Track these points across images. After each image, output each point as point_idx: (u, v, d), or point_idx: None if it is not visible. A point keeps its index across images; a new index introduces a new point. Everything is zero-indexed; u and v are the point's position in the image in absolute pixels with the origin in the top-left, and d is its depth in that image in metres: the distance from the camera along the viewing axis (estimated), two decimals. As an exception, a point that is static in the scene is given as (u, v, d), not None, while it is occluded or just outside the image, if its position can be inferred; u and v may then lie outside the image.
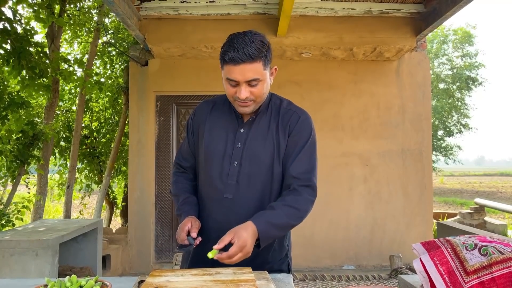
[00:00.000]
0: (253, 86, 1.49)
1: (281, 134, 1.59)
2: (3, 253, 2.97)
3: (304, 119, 1.63)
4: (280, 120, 1.62)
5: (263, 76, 1.50)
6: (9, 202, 3.94)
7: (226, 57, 1.46)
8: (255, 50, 1.44)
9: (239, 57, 1.43)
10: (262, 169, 1.58)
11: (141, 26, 4.87)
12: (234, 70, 1.46)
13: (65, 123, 6.20)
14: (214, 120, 1.66)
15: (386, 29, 4.97)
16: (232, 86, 1.50)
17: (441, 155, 19.42)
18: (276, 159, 1.58)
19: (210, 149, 1.62)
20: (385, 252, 5.44)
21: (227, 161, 1.59)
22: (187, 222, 1.54)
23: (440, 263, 1.14)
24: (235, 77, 1.47)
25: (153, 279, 1.29)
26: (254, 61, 1.45)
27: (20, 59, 3.48)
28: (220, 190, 1.59)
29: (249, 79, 1.47)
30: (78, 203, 7.14)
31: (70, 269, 3.58)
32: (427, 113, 5.65)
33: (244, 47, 1.43)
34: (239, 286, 1.21)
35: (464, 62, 18.79)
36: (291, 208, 1.50)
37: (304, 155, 1.58)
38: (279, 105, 1.67)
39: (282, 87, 5.53)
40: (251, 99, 1.52)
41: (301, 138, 1.59)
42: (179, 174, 1.79)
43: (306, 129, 1.61)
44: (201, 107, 1.73)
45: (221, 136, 1.62)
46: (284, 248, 1.71)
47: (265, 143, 1.58)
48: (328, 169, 5.54)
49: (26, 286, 1.35)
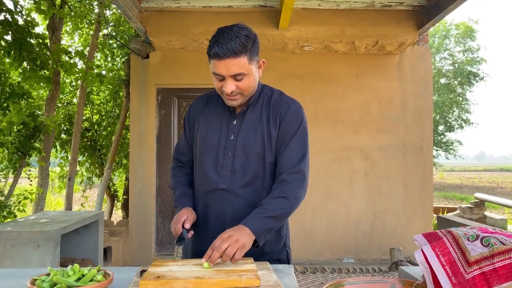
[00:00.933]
0: (239, 80, 1.51)
1: (272, 124, 1.62)
2: (5, 244, 2.98)
3: (294, 108, 1.65)
4: (271, 110, 1.64)
5: (248, 70, 1.51)
6: (10, 193, 3.95)
7: (211, 52, 1.48)
8: (239, 45, 1.45)
9: (222, 52, 1.44)
10: (254, 160, 1.61)
11: (142, 18, 4.85)
12: (218, 65, 1.48)
13: (66, 116, 6.20)
14: (208, 114, 1.70)
15: (388, 22, 4.95)
16: (219, 80, 1.53)
17: (441, 150, 19.41)
18: (268, 149, 1.61)
19: (205, 142, 1.66)
20: (385, 246, 5.46)
21: (221, 153, 1.62)
22: (183, 213, 1.56)
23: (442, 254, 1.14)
24: (220, 72, 1.49)
25: (155, 269, 1.30)
26: (238, 56, 1.46)
27: (21, 50, 3.47)
28: (215, 181, 1.62)
29: (233, 73, 1.49)
30: (79, 195, 7.15)
31: (72, 260, 3.59)
32: (429, 108, 5.64)
33: (228, 42, 1.44)
34: (241, 276, 1.21)
35: (466, 57, 18.73)
36: (279, 198, 1.53)
37: (294, 144, 1.61)
38: (270, 96, 1.69)
39: (283, 80, 5.53)
40: (237, 93, 1.54)
41: (292, 128, 1.62)
42: (177, 168, 1.82)
43: (297, 118, 1.64)
44: (196, 102, 1.77)
45: (215, 129, 1.66)
46: (282, 237, 1.72)
47: (257, 134, 1.61)
48: (329, 163, 5.54)
49: (28, 276, 1.35)
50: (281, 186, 1.56)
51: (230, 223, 1.56)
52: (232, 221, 1.56)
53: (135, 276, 1.28)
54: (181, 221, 1.52)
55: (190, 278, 1.20)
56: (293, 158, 1.59)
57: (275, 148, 1.62)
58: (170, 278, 1.20)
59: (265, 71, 6.05)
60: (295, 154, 1.60)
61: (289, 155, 1.59)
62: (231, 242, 1.35)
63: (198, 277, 1.21)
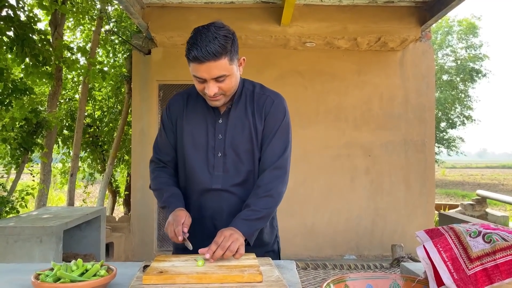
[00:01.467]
0: (221, 82, 1.48)
1: (257, 119, 1.61)
2: (8, 240, 2.99)
3: (277, 102, 1.65)
4: (255, 105, 1.63)
5: (229, 71, 1.48)
6: (13, 189, 3.96)
7: (190, 56, 1.43)
8: (219, 47, 1.41)
9: (202, 56, 1.40)
10: (245, 157, 1.61)
11: (144, 14, 4.84)
12: (199, 68, 1.44)
13: (68, 112, 6.21)
14: (191, 113, 1.65)
15: (390, 18, 4.93)
16: (200, 83, 1.49)
17: (443, 147, 19.37)
18: (255, 144, 1.61)
19: (192, 143, 1.62)
20: (386, 242, 5.47)
21: (211, 153, 1.61)
22: (181, 214, 1.52)
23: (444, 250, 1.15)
24: (201, 75, 1.45)
25: (158, 264, 1.30)
26: (218, 59, 1.42)
27: (24, 46, 3.47)
28: (208, 182, 1.60)
29: (215, 76, 1.45)
30: (81, 191, 7.17)
31: (74, 256, 3.61)
32: (431, 104, 5.63)
33: (207, 45, 1.39)
34: (244, 271, 1.22)
35: (468, 54, 18.65)
36: (265, 197, 1.55)
37: (277, 139, 1.61)
38: (253, 91, 1.67)
39: (285, 77, 5.52)
40: (220, 94, 1.51)
41: (276, 122, 1.62)
42: (159, 169, 1.73)
43: (280, 112, 1.64)
44: (175, 99, 1.71)
45: (201, 129, 1.62)
46: (274, 229, 1.78)
47: (244, 130, 1.60)
48: (330, 160, 5.54)
49: (32, 271, 1.36)
50: (264, 183, 1.57)
51: (228, 218, 1.57)
52: (230, 216, 1.57)
53: (138, 271, 1.29)
54: (181, 223, 1.47)
55: (193, 273, 1.20)
56: (276, 153, 1.61)
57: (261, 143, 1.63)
58: (173, 273, 1.20)
59: (267, 67, 6.06)
60: (278, 149, 1.61)
61: (272, 150, 1.61)
62: (233, 239, 1.38)
63: (200, 272, 1.21)
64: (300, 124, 5.53)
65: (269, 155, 1.60)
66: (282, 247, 1.86)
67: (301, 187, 5.52)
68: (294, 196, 5.49)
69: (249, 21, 4.94)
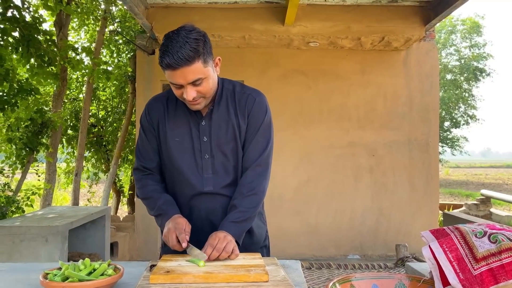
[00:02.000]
0: (198, 85, 1.46)
1: (240, 118, 1.61)
2: (14, 239, 3.02)
3: (259, 100, 1.64)
4: (237, 104, 1.62)
5: (205, 73, 1.45)
6: (18, 189, 3.99)
7: (163, 64, 1.41)
8: (190, 51, 1.38)
9: (175, 62, 1.38)
10: (232, 156, 1.62)
11: (148, 15, 4.86)
12: (174, 75, 1.42)
13: (72, 112, 6.23)
14: (173, 116, 1.63)
15: (394, 18, 4.92)
16: (177, 88, 1.47)
17: (447, 147, 19.31)
18: (239, 142, 1.62)
19: (177, 147, 1.60)
20: (390, 242, 5.46)
21: (198, 156, 1.60)
22: (182, 222, 1.51)
23: (449, 250, 1.15)
24: (177, 81, 1.43)
25: (165, 263, 1.31)
26: (191, 63, 1.40)
27: (29, 47, 3.49)
28: (198, 185, 1.60)
29: (191, 80, 1.43)
30: (85, 191, 7.20)
31: (79, 255, 3.63)
32: (435, 104, 5.62)
33: (178, 51, 1.37)
34: (250, 271, 1.23)
35: (472, 53, 18.58)
36: (250, 196, 1.57)
37: (259, 137, 1.63)
38: (233, 90, 1.65)
39: (288, 76, 5.53)
40: (199, 97, 1.49)
41: (258, 120, 1.63)
42: (145, 177, 1.69)
43: (262, 110, 1.64)
44: (153, 103, 1.67)
45: (185, 133, 1.61)
46: (264, 224, 1.81)
47: (228, 130, 1.60)
48: (334, 159, 5.54)
49: (38, 270, 1.38)
50: (248, 182, 1.59)
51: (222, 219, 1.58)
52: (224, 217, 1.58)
53: (145, 271, 1.30)
54: (183, 230, 1.47)
55: (200, 272, 1.21)
56: (258, 151, 1.62)
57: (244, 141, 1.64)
58: (180, 272, 1.21)
59: (271, 67, 6.06)
60: (260, 147, 1.62)
61: (254, 148, 1.62)
62: (227, 240, 1.41)
63: (207, 272, 1.22)
64: (303, 124, 5.54)
65: (252, 153, 1.62)
66: (285, 247, 1.90)
67: (304, 187, 5.53)
68: (298, 195, 5.50)
69: (252, 21, 4.94)
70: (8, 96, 3.39)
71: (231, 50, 5.46)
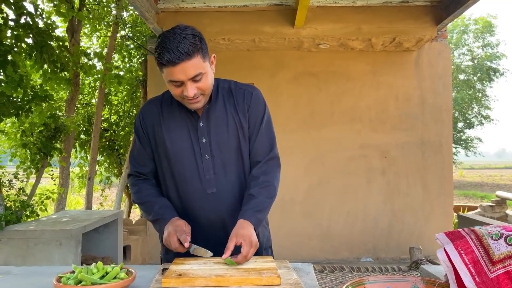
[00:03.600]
0: (198, 81, 1.46)
1: (240, 113, 1.61)
2: (28, 243, 3.05)
3: (255, 94, 1.65)
4: (235, 100, 1.62)
5: (204, 68, 1.46)
6: (33, 193, 4.04)
7: (163, 60, 1.40)
8: (189, 45, 1.39)
9: (176, 57, 1.38)
10: (233, 155, 1.61)
11: (158, 19, 4.89)
12: (174, 71, 1.41)
13: (85, 116, 6.30)
14: (169, 119, 1.61)
15: (405, 18, 4.89)
16: (177, 87, 1.46)
17: (461, 148, 19.09)
18: (242, 139, 1.61)
19: (175, 150, 1.59)
20: (403, 244, 5.40)
21: (198, 158, 1.58)
22: (181, 223, 1.51)
23: (465, 253, 1.13)
24: (178, 78, 1.42)
25: (177, 267, 1.31)
26: (192, 57, 1.40)
27: (42, 53, 3.54)
28: (201, 187, 1.59)
29: (192, 76, 1.43)
30: (98, 195, 7.26)
31: (92, 258, 3.66)
32: (448, 105, 5.56)
33: (178, 46, 1.38)
34: (262, 274, 1.22)
35: (485, 53, 18.36)
36: (267, 187, 1.58)
37: (264, 130, 1.64)
38: (229, 87, 1.65)
39: (299, 78, 5.52)
40: (199, 94, 1.49)
41: (258, 114, 1.63)
42: (140, 181, 1.68)
43: (260, 103, 1.65)
44: (148, 108, 1.66)
45: (183, 135, 1.59)
46: (268, 225, 1.80)
47: (228, 128, 1.59)
48: (345, 161, 5.51)
49: (52, 273, 1.38)
50: (263, 173, 1.61)
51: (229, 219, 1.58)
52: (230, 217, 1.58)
53: (157, 274, 1.30)
54: (184, 231, 1.46)
55: (211, 276, 1.21)
56: (267, 144, 1.64)
57: (247, 135, 1.63)
58: (192, 276, 1.21)
59: (281, 69, 6.06)
60: (267, 141, 1.65)
61: (263, 142, 1.63)
62: (254, 248, 1.41)
63: (219, 275, 1.22)
64: (315, 126, 5.52)
65: (262, 146, 1.63)
66: (297, 250, 1.90)
67: (316, 189, 5.50)
68: (310, 198, 5.47)
69: (262, 24, 4.95)
70: (22, 102, 3.43)
71: (241, 53, 5.47)
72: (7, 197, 3.64)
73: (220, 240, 1.56)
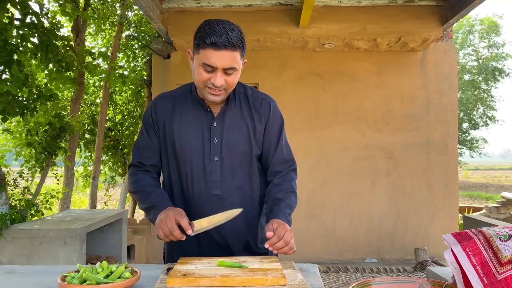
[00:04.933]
0: (229, 75, 1.46)
1: (256, 121, 1.60)
2: (33, 242, 3.06)
3: (273, 105, 1.66)
4: (252, 106, 1.62)
5: (238, 65, 1.47)
6: (37, 192, 4.05)
7: (207, 41, 1.39)
8: (237, 38, 1.42)
9: (222, 43, 1.38)
10: (243, 159, 1.60)
11: (163, 19, 4.90)
12: (213, 55, 1.40)
13: (89, 116, 6.31)
14: (181, 116, 1.59)
15: (411, 18, 4.87)
16: (207, 72, 1.44)
17: (465, 148, 19.00)
18: (254, 143, 1.60)
19: (185, 147, 1.57)
20: (408, 246, 5.37)
21: (207, 159, 1.56)
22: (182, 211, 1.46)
23: (473, 254, 1.12)
24: (214, 63, 1.41)
25: (181, 267, 1.31)
26: (234, 50, 1.42)
27: (48, 52, 3.54)
28: (207, 188, 1.57)
29: (227, 66, 1.43)
30: (102, 194, 7.28)
31: (97, 258, 3.66)
32: (453, 105, 5.53)
33: (227, 33, 1.39)
34: (267, 274, 1.21)
35: (491, 53, 18.27)
36: (292, 193, 1.62)
37: (284, 141, 1.67)
38: (245, 93, 1.64)
39: (303, 78, 5.50)
40: (224, 88, 1.48)
41: (276, 126, 1.66)
42: (141, 172, 1.64)
43: (278, 115, 1.67)
44: (160, 102, 1.63)
45: (195, 133, 1.57)
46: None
47: (241, 132, 1.58)
48: (350, 162, 5.49)
49: (57, 272, 1.38)
50: (287, 181, 1.64)
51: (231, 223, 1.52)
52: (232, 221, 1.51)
53: (161, 274, 1.30)
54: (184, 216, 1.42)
55: (216, 276, 1.20)
56: (286, 154, 1.67)
57: (261, 143, 1.63)
58: (197, 276, 1.20)
59: (286, 69, 6.05)
60: (286, 152, 1.68)
61: (282, 154, 1.66)
62: (292, 235, 1.42)
63: (224, 275, 1.21)
64: (319, 126, 5.50)
65: (282, 157, 1.65)
66: (302, 251, 1.89)
67: (320, 190, 5.49)
68: (314, 198, 5.46)
69: (267, 24, 4.94)
70: (27, 101, 3.44)
71: (246, 53, 5.46)
72: (12, 196, 3.65)
73: (216, 241, 1.58)
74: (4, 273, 1.43)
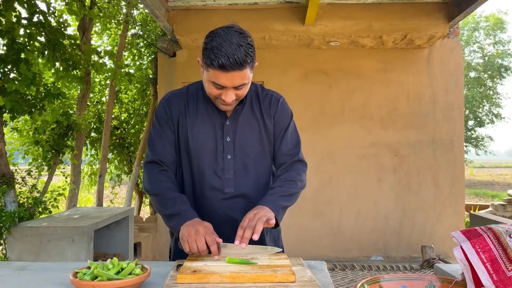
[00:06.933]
0: (239, 89, 1.46)
1: (266, 117, 1.62)
2: (41, 239, 3.09)
3: (282, 101, 1.68)
4: (262, 104, 1.64)
5: (249, 79, 1.46)
6: (45, 190, 4.08)
7: (215, 63, 1.36)
8: (245, 55, 1.38)
9: (230, 65, 1.35)
10: (255, 157, 1.62)
11: (169, 17, 4.91)
12: (222, 76, 1.39)
13: (96, 114, 6.34)
14: (193, 114, 1.59)
15: (417, 15, 4.84)
16: (217, 89, 1.44)
17: (471, 146, 18.92)
18: (266, 141, 1.63)
19: (197, 145, 1.57)
20: (414, 243, 5.36)
21: (220, 157, 1.58)
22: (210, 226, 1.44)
23: (482, 251, 1.12)
24: (223, 83, 1.41)
25: (191, 263, 1.32)
26: (244, 68, 1.39)
27: (55, 51, 3.56)
28: (220, 186, 1.58)
29: (237, 85, 1.43)
30: (108, 192, 7.31)
31: (104, 255, 3.69)
32: (460, 103, 5.50)
33: (234, 54, 1.35)
34: (276, 271, 1.22)
35: (496, 50, 18.17)
36: (289, 181, 1.59)
37: (290, 134, 1.67)
38: (256, 91, 1.66)
39: (309, 76, 5.50)
40: (235, 100, 1.50)
41: (285, 120, 1.66)
42: (159, 172, 1.59)
43: (287, 110, 1.68)
44: (173, 99, 1.62)
45: (208, 132, 1.58)
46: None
47: (253, 130, 1.61)
48: (356, 160, 5.48)
49: (67, 269, 1.40)
50: (287, 171, 1.62)
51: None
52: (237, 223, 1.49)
53: (171, 270, 1.31)
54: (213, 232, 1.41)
55: (226, 272, 1.21)
56: (292, 147, 1.66)
57: (272, 140, 1.65)
58: (207, 272, 1.21)
59: (291, 66, 6.03)
60: (293, 144, 1.67)
61: (287, 146, 1.65)
62: (257, 218, 1.39)
63: (233, 271, 1.22)
64: (325, 124, 5.50)
65: (286, 150, 1.65)
66: (308, 248, 1.90)
67: (326, 188, 5.48)
68: (320, 196, 5.45)
69: (272, 22, 4.94)
70: (35, 100, 3.46)
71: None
72: (20, 194, 3.68)
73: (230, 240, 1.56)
74: (16, 270, 1.45)
